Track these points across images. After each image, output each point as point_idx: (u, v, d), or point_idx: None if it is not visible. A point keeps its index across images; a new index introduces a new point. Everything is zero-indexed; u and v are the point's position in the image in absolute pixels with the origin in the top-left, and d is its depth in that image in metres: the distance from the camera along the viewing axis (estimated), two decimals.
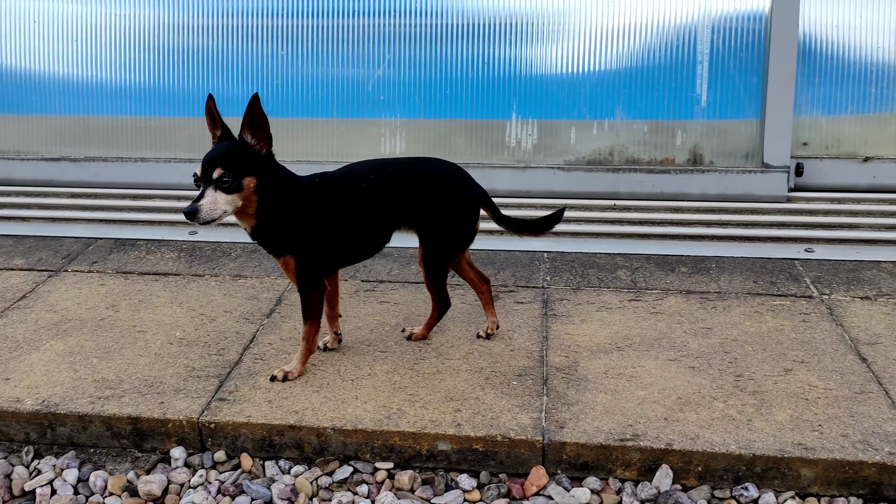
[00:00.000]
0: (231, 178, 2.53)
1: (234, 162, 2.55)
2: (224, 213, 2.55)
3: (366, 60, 4.79)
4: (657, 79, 4.60)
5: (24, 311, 3.49)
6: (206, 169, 2.54)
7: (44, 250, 4.20)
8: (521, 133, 4.72)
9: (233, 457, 2.68)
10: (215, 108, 2.67)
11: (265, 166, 2.64)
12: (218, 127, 2.69)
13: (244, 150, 2.59)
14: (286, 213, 2.69)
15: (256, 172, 2.60)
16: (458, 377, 2.90)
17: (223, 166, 2.53)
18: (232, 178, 2.53)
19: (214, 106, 2.67)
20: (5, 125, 5.06)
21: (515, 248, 4.17)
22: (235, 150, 2.59)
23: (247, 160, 2.59)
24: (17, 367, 2.99)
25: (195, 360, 3.05)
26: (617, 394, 2.78)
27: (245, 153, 2.59)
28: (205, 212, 2.50)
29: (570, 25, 4.63)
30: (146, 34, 4.93)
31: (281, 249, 2.76)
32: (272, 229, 2.71)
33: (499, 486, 2.53)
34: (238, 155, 2.58)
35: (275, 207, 2.67)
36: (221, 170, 2.52)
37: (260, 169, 2.61)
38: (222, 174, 2.52)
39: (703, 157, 4.59)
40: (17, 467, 2.66)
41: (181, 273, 3.90)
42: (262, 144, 2.61)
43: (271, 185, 2.65)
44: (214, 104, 2.67)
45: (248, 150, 2.59)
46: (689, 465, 2.51)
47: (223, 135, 2.69)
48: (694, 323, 3.31)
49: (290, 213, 2.70)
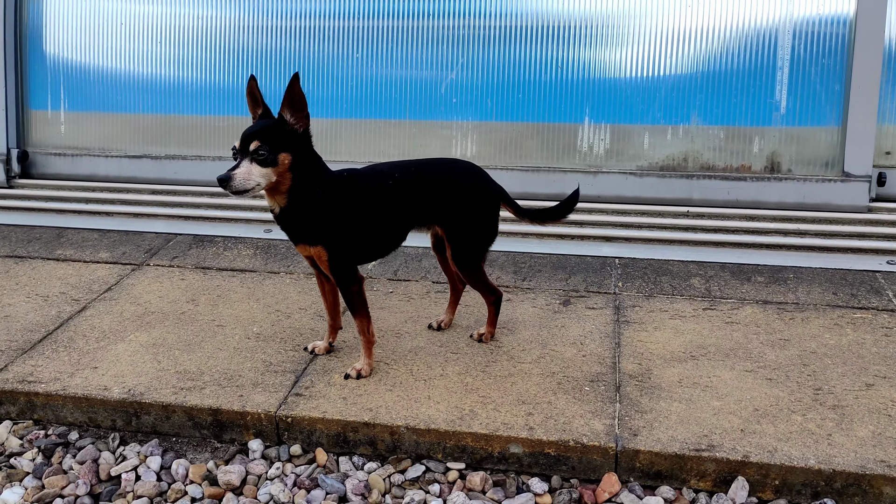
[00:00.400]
0: (267, 151, 2.60)
1: (271, 137, 2.62)
2: (257, 185, 2.60)
3: (439, 63, 4.83)
4: (735, 84, 4.53)
5: (109, 302, 3.62)
6: (244, 141, 2.62)
7: (127, 244, 4.35)
8: (593, 137, 4.70)
9: (308, 451, 2.74)
10: (257, 88, 2.76)
11: (301, 146, 2.70)
12: (259, 106, 2.78)
13: (282, 127, 2.67)
14: (319, 201, 2.74)
15: (292, 150, 2.66)
16: (529, 381, 2.91)
17: (261, 139, 2.60)
18: (268, 151, 2.60)
19: (257, 87, 2.76)
20: (92, 123, 5.24)
21: (587, 253, 4.15)
22: (274, 126, 2.67)
23: (284, 137, 2.65)
24: (104, 357, 3.11)
25: (272, 354, 3.12)
26: (692, 403, 2.76)
27: (283, 130, 2.66)
28: (238, 180, 2.57)
29: (645, 28, 4.59)
30: (226, 36, 5.06)
31: (311, 238, 2.79)
32: (302, 214, 2.75)
33: (570, 492, 2.53)
34: (276, 131, 2.65)
35: (307, 191, 2.72)
36: (258, 142, 2.59)
37: (296, 147, 2.68)
38: (259, 146, 2.59)
39: (780, 164, 4.50)
40: (103, 453, 2.76)
41: (257, 270, 3.99)
42: (300, 123, 2.69)
43: (306, 167, 2.71)
44: (257, 85, 2.76)
45: (285, 128, 2.67)
46: (765, 478, 2.47)
47: (263, 114, 2.78)
48: (771, 334, 3.26)
49: (322, 201, 2.75)
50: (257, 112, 2.78)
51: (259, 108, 2.78)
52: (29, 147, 5.29)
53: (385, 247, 3.03)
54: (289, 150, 2.65)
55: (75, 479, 2.67)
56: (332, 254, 2.80)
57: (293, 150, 2.67)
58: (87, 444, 2.82)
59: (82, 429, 2.90)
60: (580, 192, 3.17)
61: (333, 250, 2.80)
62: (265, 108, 2.78)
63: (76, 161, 5.22)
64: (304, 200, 2.73)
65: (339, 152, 4.92)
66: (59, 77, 5.27)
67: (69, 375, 2.98)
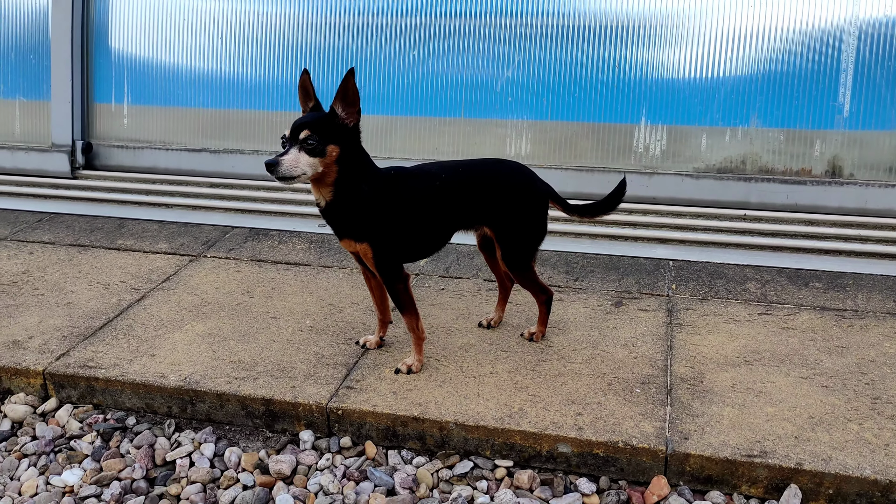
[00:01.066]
0: (316, 141, 2.63)
1: (321, 128, 2.65)
2: (303, 173, 2.63)
3: (495, 61, 4.83)
4: (796, 86, 4.44)
5: (167, 292, 3.70)
6: (295, 130, 2.66)
7: (185, 236, 4.45)
8: (649, 138, 4.66)
9: (357, 443, 2.77)
10: (310, 82, 2.79)
11: (350, 140, 2.73)
12: (311, 100, 2.81)
13: (333, 119, 2.70)
14: (365, 196, 2.76)
15: (340, 143, 2.69)
16: (579, 381, 2.90)
17: (311, 129, 2.63)
18: (317, 141, 2.63)
19: (309, 80, 2.79)
20: (153, 116, 5.37)
21: (640, 254, 4.12)
22: (325, 118, 2.70)
23: (333, 129, 2.68)
24: (161, 345, 3.19)
25: (324, 347, 3.16)
26: (744, 408, 2.72)
27: (333, 123, 2.69)
28: (284, 166, 2.60)
29: (704, 28, 4.53)
30: (284, 32, 5.13)
31: (357, 234, 2.81)
32: (347, 209, 2.78)
33: (618, 493, 2.52)
34: (326, 123, 2.68)
35: (354, 185, 2.75)
36: (308, 132, 2.63)
37: (344, 141, 2.70)
38: (308, 136, 2.62)
39: (842, 168, 4.40)
40: (159, 438, 2.83)
41: (311, 264, 4.05)
42: (351, 118, 2.71)
43: (353, 162, 2.74)
44: (309, 78, 2.79)
45: (336, 121, 2.70)
46: (819, 486, 2.43)
47: (314, 107, 2.81)
48: (828, 341, 3.19)
49: (369, 197, 2.77)
50: (308, 105, 2.82)
51: (310, 101, 2.82)
52: (93, 139, 5.43)
53: (430, 246, 3.04)
54: (337, 143, 2.68)
55: (132, 462, 2.74)
56: (377, 251, 2.82)
57: (342, 143, 2.70)
58: (143, 429, 2.89)
59: (139, 414, 2.97)
60: (636, 193, 3.14)
61: (379, 247, 2.82)
62: (316, 101, 2.82)
63: (138, 153, 5.34)
64: (349, 195, 2.76)
65: (392, 149, 4.96)
66: (123, 71, 5.40)
67: (128, 362, 3.06)
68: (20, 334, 3.29)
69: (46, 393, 3.07)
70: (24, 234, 4.49)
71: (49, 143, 5.39)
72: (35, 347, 3.18)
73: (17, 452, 2.83)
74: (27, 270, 3.96)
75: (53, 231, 4.54)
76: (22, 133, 5.50)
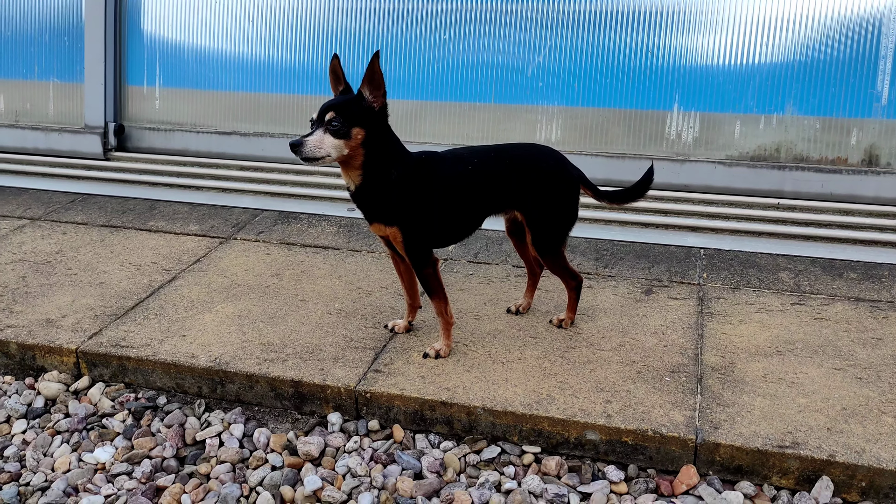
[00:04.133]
0: (340, 123, 2.65)
1: (346, 110, 2.67)
2: (328, 155, 2.66)
3: (526, 46, 4.79)
4: (833, 73, 4.36)
5: (198, 273, 3.73)
6: (321, 112, 2.69)
7: (215, 218, 4.47)
8: (681, 125, 4.60)
9: (385, 427, 2.78)
10: (340, 66, 2.80)
11: (376, 124, 2.73)
12: (341, 84, 2.82)
13: (359, 102, 2.71)
14: (394, 181, 2.76)
15: (366, 126, 2.70)
16: (608, 368, 2.89)
17: (336, 111, 2.66)
18: (341, 123, 2.65)
19: (339, 65, 2.80)
20: (185, 99, 5.39)
21: (671, 242, 4.08)
22: (351, 100, 2.72)
23: (359, 112, 2.69)
24: (192, 326, 3.21)
25: (353, 331, 3.17)
26: (776, 399, 2.68)
27: (359, 106, 2.70)
28: (308, 147, 2.63)
29: (739, 14, 4.45)
30: (315, 16, 5.12)
31: (386, 218, 2.82)
32: (377, 192, 2.78)
33: (647, 481, 2.51)
34: (352, 105, 2.70)
35: (382, 169, 2.75)
36: (334, 114, 2.65)
37: (370, 124, 2.71)
38: (333, 118, 2.65)
39: (879, 157, 4.32)
40: (189, 418, 2.86)
41: (340, 247, 4.05)
42: (377, 101, 2.72)
43: (380, 145, 2.74)
44: (339, 63, 2.80)
45: (363, 104, 2.70)
46: (851, 479, 2.40)
47: (344, 90, 2.82)
48: (863, 332, 3.14)
49: (398, 181, 2.77)
50: (339, 89, 2.83)
51: (341, 85, 2.82)
52: (125, 121, 5.47)
53: (461, 231, 3.03)
54: (363, 126, 2.69)
55: (162, 441, 2.77)
56: (406, 235, 2.82)
57: (367, 125, 2.70)
58: (174, 408, 2.92)
59: (170, 394, 3.00)
60: (667, 180, 3.10)
61: (409, 231, 2.82)
62: (346, 85, 2.82)
63: (169, 136, 5.38)
64: (378, 179, 2.76)
65: (422, 134, 4.95)
66: (155, 54, 5.43)
67: (159, 342, 3.09)
68: (54, 313, 3.33)
69: (79, 371, 3.11)
70: (58, 215, 4.54)
71: (82, 124, 5.44)
72: (68, 326, 3.22)
73: (51, 429, 2.87)
74: (60, 250, 4.01)
75: (86, 212, 4.59)
76: (55, 114, 5.56)
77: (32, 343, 3.13)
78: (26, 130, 5.51)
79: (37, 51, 5.55)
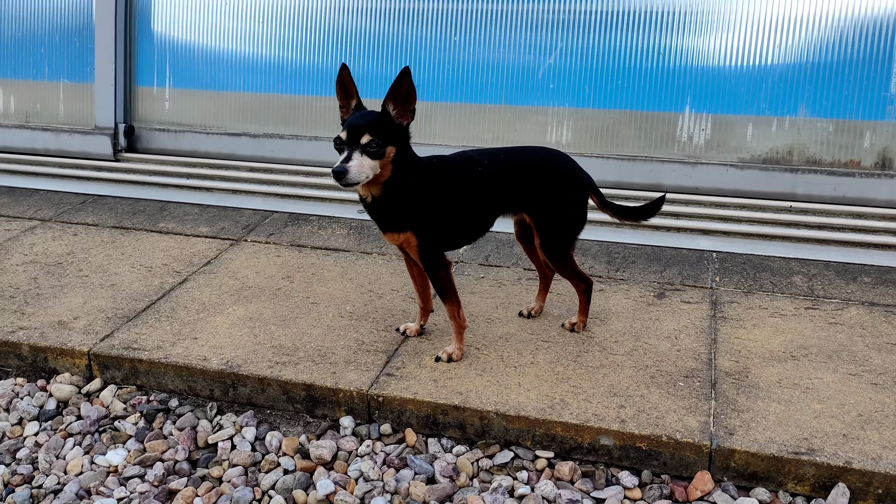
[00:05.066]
0: (378, 144, 2.60)
1: (380, 130, 2.62)
2: (367, 177, 2.61)
3: (537, 48, 4.78)
4: (846, 75, 4.33)
5: (208, 275, 3.73)
6: (355, 133, 2.61)
7: (226, 220, 4.47)
8: (693, 127, 4.58)
9: (397, 431, 2.77)
10: (350, 78, 2.73)
11: (404, 139, 2.71)
12: (353, 97, 2.76)
13: (388, 120, 2.67)
14: (410, 188, 2.75)
15: (397, 143, 2.67)
16: (622, 373, 2.87)
17: (371, 133, 2.60)
18: (379, 144, 2.60)
19: (349, 76, 2.73)
20: (195, 100, 5.39)
21: (683, 245, 4.06)
22: (381, 118, 2.66)
23: (391, 131, 2.66)
24: (203, 328, 3.21)
25: (364, 334, 3.16)
26: (791, 404, 2.67)
27: (389, 123, 2.66)
28: (353, 173, 2.56)
29: (751, 15, 4.43)
30: (325, 17, 5.12)
31: (400, 225, 2.80)
32: (394, 202, 2.76)
33: (661, 487, 2.49)
34: (383, 124, 2.65)
35: (403, 180, 2.73)
36: (370, 136, 2.59)
37: (399, 140, 2.69)
38: (371, 140, 2.59)
39: (892, 160, 4.30)
40: (201, 421, 2.86)
41: (351, 250, 4.05)
42: (405, 117, 2.69)
43: (405, 159, 2.72)
44: (349, 74, 2.73)
45: (391, 121, 2.67)
46: (868, 486, 2.38)
47: (357, 105, 2.77)
48: (878, 337, 3.12)
49: (414, 188, 2.75)
50: (350, 102, 2.76)
51: (353, 99, 2.76)
52: (135, 122, 5.48)
53: (473, 233, 3.02)
54: (394, 144, 2.66)
55: (174, 444, 2.77)
56: (420, 239, 2.82)
57: (397, 143, 2.67)
58: (186, 411, 2.91)
59: (182, 396, 3.00)
60: (678, 183, 3.09)
61: (422, 236, 2.81)
62: (359, 100, 2.77)
63: (179, 137, 5.38)
64: (397, 190, 2.74)
65: (432, 135, 4.94)
66: (165, 55, 5.43)
67: (171, 344, 3.09)
68: (65, 315, 3.33)
69: (91, 373, 3.11)
70: (68, 216, 4.55)
71: (92, 125, 5.45)
72: (80, 328, 3.22)
73: (63, 432, 2.87)
74: (71, 252, 4.01)
75: (97, 213, 4.59)
76: (66, 115, 5.57)
77: (44, 345, 3.13)
78: (36, 131, 5.52)
79: (47, 52, 5.56)
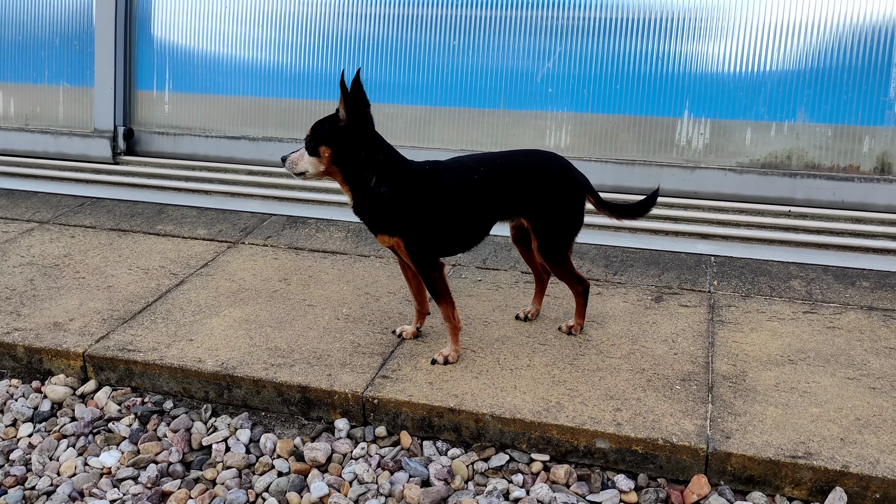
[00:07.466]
0: (310, 142, 2.78)
1: (319, 129, 2.78)
2: (305, 171, 2.81)
3: (536, 53, 4.78)
4: (845, 80, 4.33)
5: (205, 278, 3.72)
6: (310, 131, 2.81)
7: (223, 223, 4.47)
8: (692, 132, 4.57)
9: (393, 433, 2.76)
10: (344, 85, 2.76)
11: (348, 141, 2.75)
12: None
13: (333, 121, 2.77)
14: (384, 193, 2.78)
15: (334, 144, 2.75)
16: (618, 376, 2.86)
17: (312, 130, 2.79)
18: (311, 143, 2.77)
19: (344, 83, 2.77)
20: (194, 104, 5.39)
21: (681, 249, 4.05)
22: (327, 119, 2.80)
23: (330, 131, 2.76)
24: (199, 330, 3.20)
25: (360, 336, 3.15)
26: (788, 408, 2.65)
27: (332, 124, 2.77)
28: (288, 162, 2.84)
29: (750, 20, 4.43)
30: (325, 21, 5.12)
31: (388, 229, 2.84)
32: (372, 206, 2.82)
33: (657, 491, 2.48)
34: (325, 124, 2.78)
35: (366, 184, 2.78)
36: (309, 132, 2.79)
37: (341, 142, 2.75)
38: (307, 137, 2.80)
39: (891, 165, 4.29)
40: (196, 423, 2.84)
41: (348, 252, 4.04)
42: (343, 118, 2.74)
43: (358, 161, 2.77)
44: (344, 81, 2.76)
45: (335, 123, 2.76)
46: (865, 490, 2.36)
47: None
48: (876, 341, 3.11)
49: (393, 193, 2.78)
50: None
51: None
52: (134, 125, 5.48)
53: (468, 239, 3.01)
54: (330, 144, 2.75)
55: (168, 446, 2.75)
56: (409, 244, 2.83)
57: (336, 144, 2.74)
58: (180, 413, 2.90)
59: (176, 398, 2.99)
60: (677, 187, 3.09)
61: (411, 241, 2.83)
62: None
63: (178, 140, 5.38)
64: (367, 194, 2.80)
65: (431, 140, 4.93)
66: (164, 59, 5.43)
67: (166, 346, 3.08)
68: (61, 316, 3.32)
69: (86, 375, 3.10)
70: (66, 218, 4.54)
71: (91, 128, 5.45)
72: (75, 330, 3.21)
73: (57, 433, 2.86)
74: (69, 254, 4.00)
75: (94, 215, 4.59)
76: (65, 118, 5.57)
77: (39, 346, 3.12)
78: (36, 134, 5.52)
79: (47, 55, 5.57)
